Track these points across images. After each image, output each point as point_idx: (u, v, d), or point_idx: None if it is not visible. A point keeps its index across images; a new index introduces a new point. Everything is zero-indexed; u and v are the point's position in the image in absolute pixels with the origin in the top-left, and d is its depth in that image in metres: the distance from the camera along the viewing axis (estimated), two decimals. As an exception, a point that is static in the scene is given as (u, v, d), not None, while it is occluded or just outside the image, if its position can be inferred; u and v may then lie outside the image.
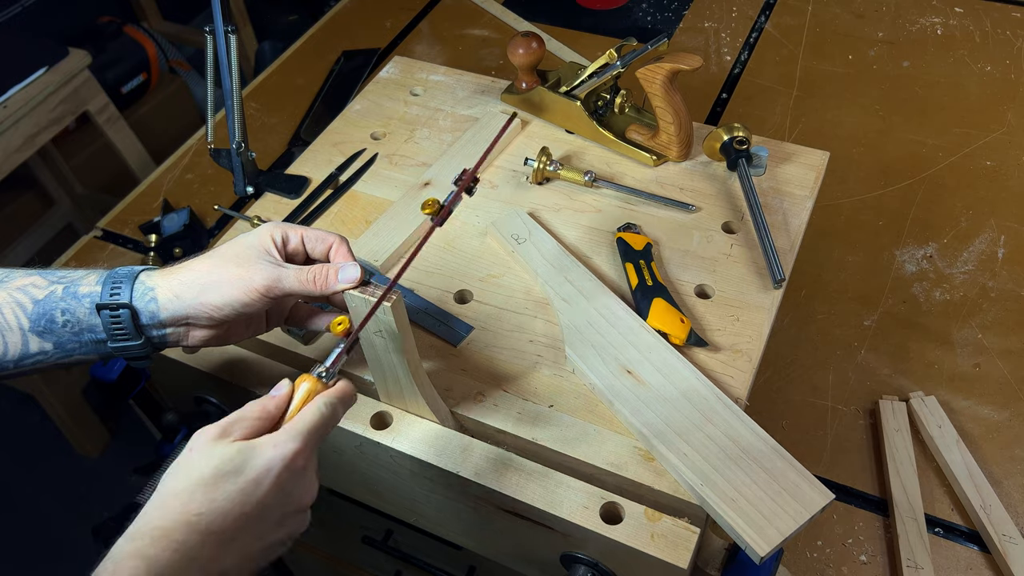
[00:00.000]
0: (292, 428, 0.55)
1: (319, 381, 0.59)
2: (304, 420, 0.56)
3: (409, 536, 0.92)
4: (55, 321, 0.62)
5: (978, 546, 0.84)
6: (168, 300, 0.62)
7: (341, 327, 0.60)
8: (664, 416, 0.68)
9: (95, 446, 1.84)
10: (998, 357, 0.99)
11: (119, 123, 1.92)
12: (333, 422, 0.58)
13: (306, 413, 0.57)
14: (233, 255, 0.63)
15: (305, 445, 0.55)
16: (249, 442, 0.54)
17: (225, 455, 0.52)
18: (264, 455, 0.53)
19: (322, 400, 0.57)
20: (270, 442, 0.54)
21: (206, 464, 0.52)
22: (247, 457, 0.53)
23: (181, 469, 0.53)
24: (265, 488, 0.53)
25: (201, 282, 0.62)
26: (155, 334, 0.63)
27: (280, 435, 0.55)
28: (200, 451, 0.53)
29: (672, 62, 0.85)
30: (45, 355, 0.62)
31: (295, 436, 0.55)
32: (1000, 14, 1.46)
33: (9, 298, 0.62)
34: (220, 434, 0.54)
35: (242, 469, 0.52)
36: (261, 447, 0.54)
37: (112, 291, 0.62)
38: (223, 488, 0.52)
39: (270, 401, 0.57)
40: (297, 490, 0.55)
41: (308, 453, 0.56)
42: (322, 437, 0.57)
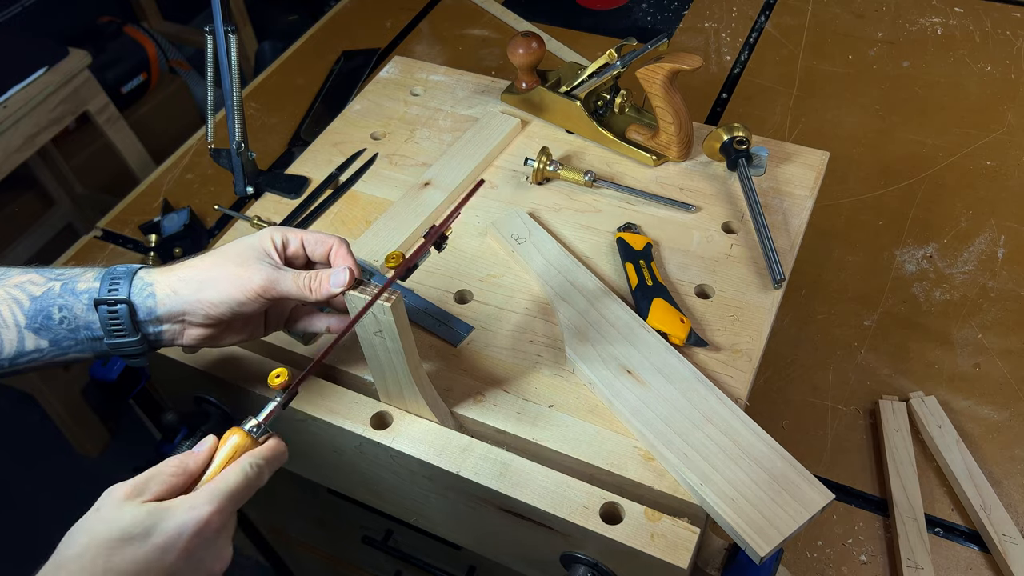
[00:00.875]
0: (210, 489, 0.53)
1: (248, 436, 0.56)
2: (225, 481, 0.53)
3: (409, 536, 0.92)
4: (52, 318, 0.61)
5: (978, 546, 0.84)
6: (166, 296, 0.62)
7: (279, 380, 0.58)
8: (664, 416, 0.68)
9: (95, 446, 1.84)
10: (998, 357, 0.99)
11: (119, 123, 1.92)
12: (257, 484, 0.56)
13: (228, 474, 0.54)
14: (234, 255, 0.63)
15: (222, 509, 0.52)
16: (161, 503, 0.51)
17: (133, 517, 0.50)
18: (176, 518, 0.51)
19: (247, 460, 0.55)
20: (184, 504, 0.51)
21: (112, 525, 0.49)
22: (157, 520, 0.50)
23: (84, 529, 0.50)
24: (173, 556, 0.50)
25: (199, 279, 0.62)
26: (151, 331, 0.63)
27: (196, 497, 0.52)
28: (107, 510, 0.50)
29: (672, 62, 0.85)
30: (41, 353, 0.62)
31: (212, 498, 0.52)
32: (1000, 14, 1.46)
33: (6, 295, 0.61)
34: (132, 493, 0.51)
35: (150, 533, 0.50)
36: (173, 509, 0.51)
37: (111, 287, 0.61)
38: (126, 553, 0.49)
39: (189, 457, 0.55)
40: (208, 557, 0.52)
41: (225, 517, 0.53)
42: (242, 500, 0.54)
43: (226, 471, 0.54)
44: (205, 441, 0.56)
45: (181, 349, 0.78)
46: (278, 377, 0.58)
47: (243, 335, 0.67)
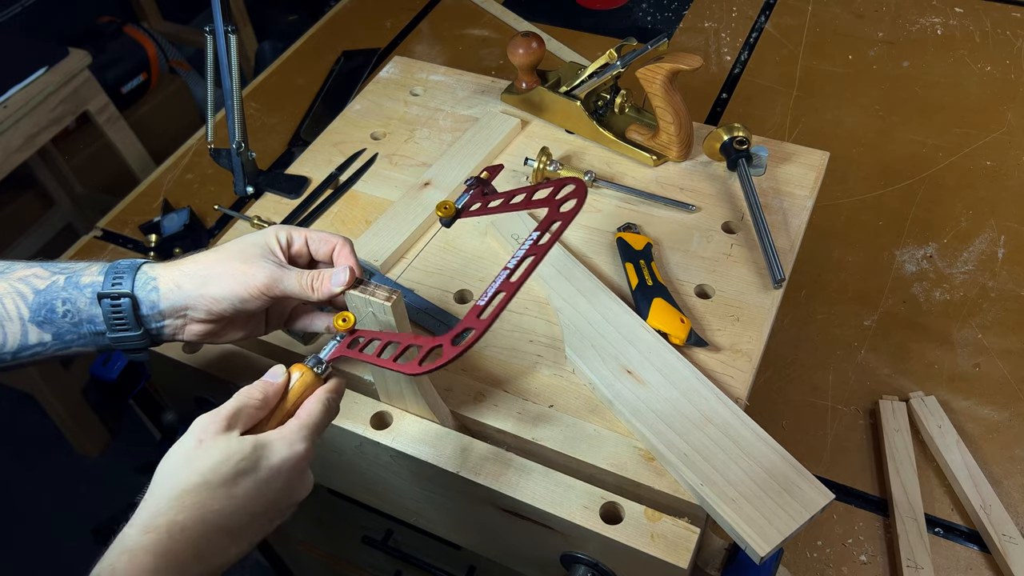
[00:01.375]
0: (302, 427, 0.56)
1: (312, 372, 0.59)
2: (311, 418, 0.57)
3: (409, 536, 0.92)
4: (55, 311, 0.62)
5: (978, 546, 0.84)
6: (169, 290, 0.62)
7: (345, 324, 0.60)
8: (664, 416, 0.68)
9: (95, 446, 1.84)
10: (998, 357, 0.99)
11: (119, 123, 1.92)
12: (332, 418, 0.59)
13: (312, 410, 0.57)
14: (238, 251, 0.63)
15: (312, 444, 0.56)
16: (261, 438, 0.55)
17: (241, 451, 0.53)
18: (278, 453, 0.54)
19: (325, 396, 0.58)
20: (283, 441, 0.55)
21: (222, 460, 0.52)
22: (261, 455, 0.54)
23: (194, 461, 0.53)
24: (278, 486, 0.54)
25: (203, 274, 0.62)
26: (154, 325, 0.63)
27: (291, 433, 0.56)
28: (211, 445, 0.53)
29: (672, 62, 0.85)
30: (43, 347, 0.63)
31: (305, 436, 0.56)
32: (1000, 14, 1.46)
33: (10, 288, 0.62)
34: (226, 426, 0.54)
35: (257, 467, 0.53)
36: (274, 445, 0.55)
37: (114, 281, 0.62)
38: (241, 486, 0.53)
39: (269, 387, 0.58)
40: (300, 486, 0.57)
41: (312, 451, 0.57)
42: (322, 433, 0.58)
43: (310, 407, 0.58)
44: (278, 371, 0.59)
45: (181, 348, 0.78)
46: (345, 321, 0.60)
47: (244, 332, 0.68)
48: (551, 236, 0.62)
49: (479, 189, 0.68)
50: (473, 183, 0.68)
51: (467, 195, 0.68)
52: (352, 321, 0.60)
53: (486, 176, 0.69)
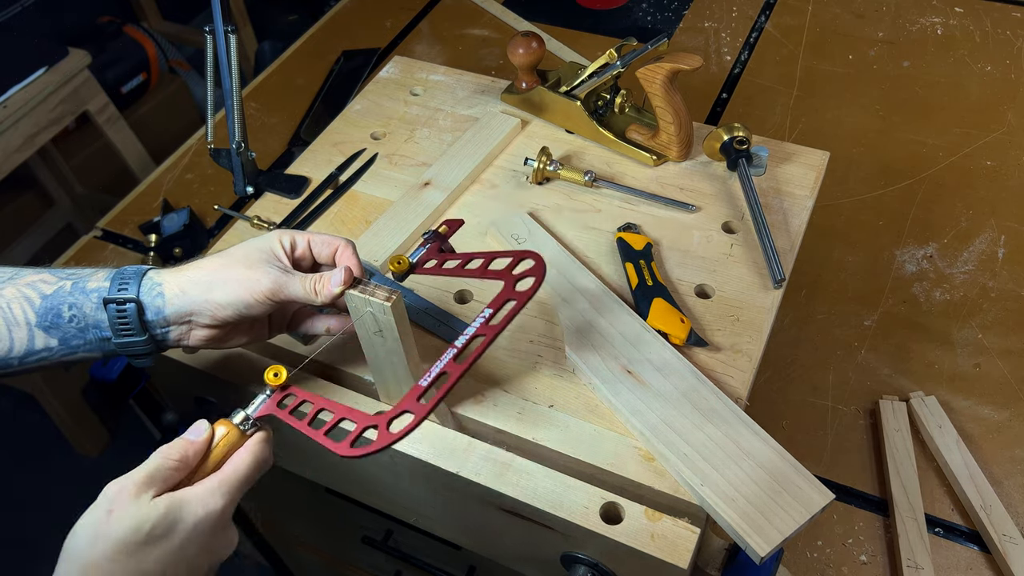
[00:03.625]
0: (222, 482, 0.54)
1: (237, 429, 0.57)
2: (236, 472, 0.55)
3: (409, 536, 0.92)
4: (61, 316, 0.62)
5: (978, 546, 0.84)
6: (174, 295, 0.62)
7: (277, 379, 0.58)
8: (664, 416, 0.68)
9: (95, 446, 1.84)
10: (998, 357, 0.99)
11: (119, 123, 1.92)
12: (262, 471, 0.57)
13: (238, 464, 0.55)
14: (242, 256, 0.63)
15: (232, 500, 0.54)
16: (175, 498, 0.52)
17: (152, 516, 0.50)
18: (193, 513, 0.52)
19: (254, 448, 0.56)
20: (199, 499, 0.52)
21: (134, 528, 0.50)
22: (175, 517, 0.51)
23: (103, 534, 0.50)
24: (194, 549, 0.52)
25: (208, 280, 0.62)
26: (159, 331, 0.63)
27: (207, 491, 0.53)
28: (121, 513, 0.50)
29: (672, 62, 0.85)
30: (50, 352, 0.62)
31: (224, 492, 0.53)
32: (1000, 14, 1.46)
33: (18, 293, 0.62)
34: (140, 489, 0.51)
35: (172, 530, 0.51)
36: (189, 504, 0.52)
37: (120, 286, 0.62)
38: (153, 553, 0.50)
39: (189, 447, 0.55)
40: (221, 545, 0.54)
41: (232, 508, 0.54)
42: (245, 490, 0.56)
43: (237, 461, 0.55)
44: (200, 428, 0.56)
45: (183, 350, 0.78)
46: (276, 376, 0.58)
47: (248, 337, 0.67)
48: (504, 317, 0.59)
49: (435, 244, 0.65)
50: (430, 237, 0.66)
51: (423, 249, 0.66)
52: (284, 377, 0.58)
53: (444, 231, 0.67)
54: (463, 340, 0.58)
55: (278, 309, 0.66)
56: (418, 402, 0.55)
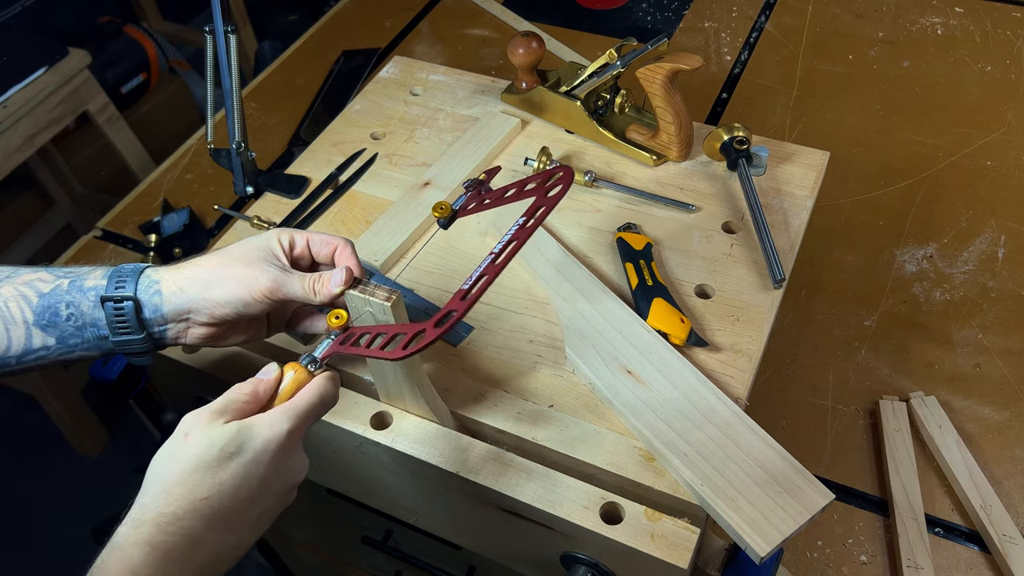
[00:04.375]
0: (287, 408, 0.56)
1: (305, 370, 0.59)
2: (301, 398, 0.57)
3: (409, 536, 0.92)
4: (59, 315, 0.62)
5: (978, 546, 0.84)
6: (172, 293, 0.62)
7: (338, 321, 0.60)
8: (664, 416, 0.68)
9: (95, 446, 1.84)
10: (998, 357, 0.99)
11: (119, 123, 1.92)
12: (330, 403, 0.59)
13: (303, 395, 0.57)
14: (240, 254, 0.63)
15: (298, 425, 0.56)
16: (245, 422, 0.54)
17: (224, 436, 0.53)
18: (262, 434, 0.54)
19: (321, 381, 0.58)
20: (266, 422, 0.54)
21: (207, 447, 0.52)
22: (245, 437, 0.53)
23: (180, 454, 0.53)
24: (264, 466, 0.54)
25: (206, 278, 0.62)
26: (156, 329, 0.64)
27: (274, 415, 0.55)
28: (197, 435, 0.53)
29: (672, 62, 0.85)
30: (47, 350, 0.63)
31: (291, 416, 0.55)
32: (1000, 14, 1.46)
33: (15, 292, 0.62)
34: (213, 416, 0.54)
35: (242, 449, 0.53)
36: (258, 427, 0.54)
37: (117, 284, 0.62)
38: (228, 469, 0.52)
39: (260, 384, 0.57)
40: (292, 466, 0.56)
41: (300, 433, 0.56)
42: (317, 417, 0.58)
43: (303, 393, 0.57)
44: (271, 368, 0.59)
45: (181, 349, 0.78)
46: (338, 319, 0.60)
47: (246, 336, 0.68)
48: (535, 220, 0.63)
49: (476, 191, 0.68)
50: (471, 184, 0.68)
51: (464, 197, 0.68)
52: (345, 318, 0.61)
53: (484, 178, 0.69)
54: (499, 247, 0.61)
55: (277, 308, 0.66)
56: (461, 301, 0.58)
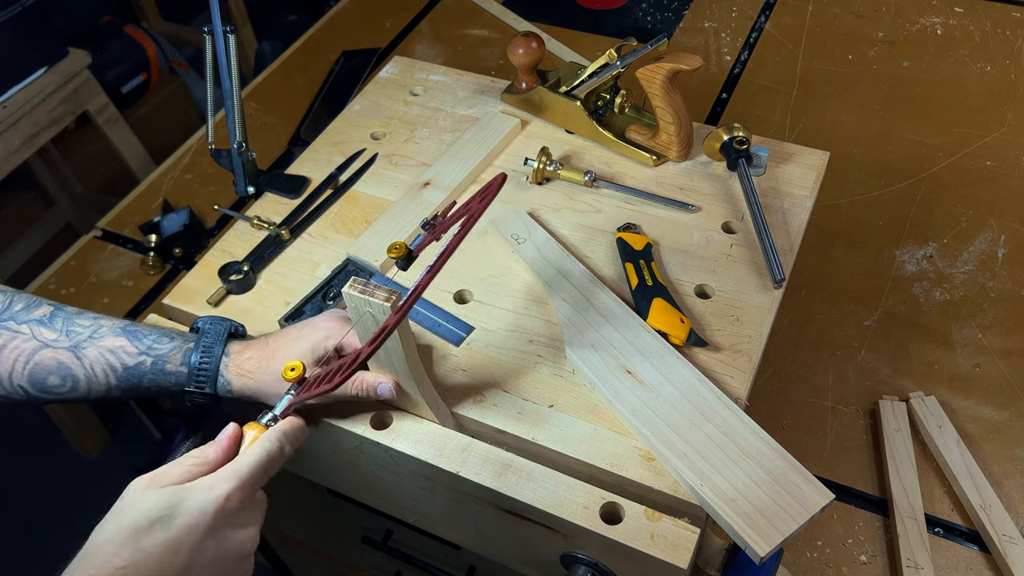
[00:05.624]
0: (228, 468, 0.54)
1: (264, 428, 0.58)
2: (243, 459, 0.55)
3: (409, 536, 0.92)
4: (141, 386, 0.68)
5: (978, 546, 0.84)
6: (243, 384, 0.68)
7: (294, 373, 0.60)
8: (664, 416, 0.68)
9: (95, 446, 1.84)
10: (998, 357, 0.99)
11: (119, 123, 1.92)
12: (279, 459, 0.57)
13: (249, 452, 0.55)
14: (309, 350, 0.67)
15: (241, 484, 0.53)
16: (182, 486, 0.52)
17: (156, 500, 0.51)
18: (196, 498, 0.51)
19: (266, 436, 0.57)
20: (203, 484, 0.52)
21: (136, 511, 0.50)
22: (178, 501, 0.51)
23: (111, 518, 0.51)
24: (199, 534, 0.51)
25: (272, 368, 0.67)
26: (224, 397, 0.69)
27: (215, 476, 0.53)
28: (131, 498, 0.51)
29: (672, 62, 0.85)
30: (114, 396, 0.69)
31: (230, 476, 0.53)
32: (1000, 14, 1.46)
33: (101, 358, 0.67)
34: (154, 480, 0.52)
35: (174, 514, 0.50)
36: (193, 489, 0.52)
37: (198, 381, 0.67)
38: (153, 536, 0.49)
39: (210, 447, 0.56)
40: (235, 535, 0.53)
41: (245, 492, 0.53)
42: (265, 476, 0.56)
43: (250, 450, 0.56)
44: (227, 429, 0.58)
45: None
46: (293, 371, 0.60)
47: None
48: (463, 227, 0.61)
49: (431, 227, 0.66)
50: (426, 223, 0.66)
51: (421, 236, 0.66)
52: (300, 370, 0.60)
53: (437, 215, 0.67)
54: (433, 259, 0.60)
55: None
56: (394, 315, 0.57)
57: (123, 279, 1.18)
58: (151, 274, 1.19)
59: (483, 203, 0.63)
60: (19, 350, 0.67)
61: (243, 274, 0.83)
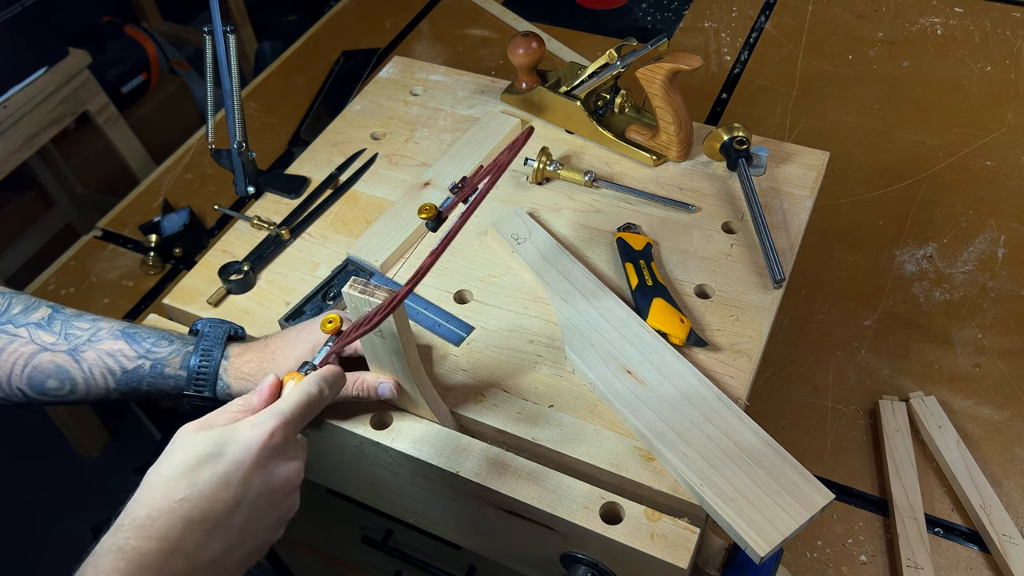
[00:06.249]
0: (272, 408, 0.56)
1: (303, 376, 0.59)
2: (285, 400, 0.57)
3: (409, 536, 0.92)
4: (139, 390, 0.69)
5: (978, 546, 0.84)
6: (240, 385, 0.68)
7: (331, 325, 0.61)
8: (664, 416, 0.68)
9: (95, 446, 1.84)
10: (998, 357, 0.99)
11: (119, 123, 1.92)
12: (319, 402, 0.58)
13: (289, 394, 0.57)
14: (309, 351, 0.67)
15: (284, 422, 0.55)
16: (228, 427, 0.54)
17: (205, 440, 0.53)
18: (243, 435, 0.53)
19: (306, 380, 0.58)
20: (248, 422, 0.54)
21: (187, 451, 0.52)
22: (226, 439, 0.53)
23: (163, 460, 0.53)
24: (246, 467, 0.53)
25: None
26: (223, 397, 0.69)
27: (257, 416, 0.55)
28: (181, 442, 0.53)
29: (672, 62, 0.85)
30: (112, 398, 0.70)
31: (274, 414, 0.55)
32: (1000, 14, 1.46)
33: (99, 361, 0.68)
34: (201, 426, 0.55)
35: (223, 451, 0.52)
36: (239, 428, 0.54)
37: (196, 384, 0.67)
38: (205, 472, 0.52)
39: (253, 395, 0.58)
40: (280, 469, 0.55)
41: (288, 430, 0.55)
42: (306, 416, 0.57)
43: (290, 392, 0.57)
44: (267, 379, 0.59)
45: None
46: (331, 323, 0.61)
47: None
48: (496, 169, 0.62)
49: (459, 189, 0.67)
50: (455, 186, 0.67)
51: (450, 199, 0.66)
52: (338, 321, 0.61)
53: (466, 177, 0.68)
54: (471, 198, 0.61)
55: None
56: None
57: (123, 279, 1.18)
58: (151, 274, 1.19)
59: (511, 154, 0.62)
60: (17, 353, 0.67)
61: (243, 274, 0.83)
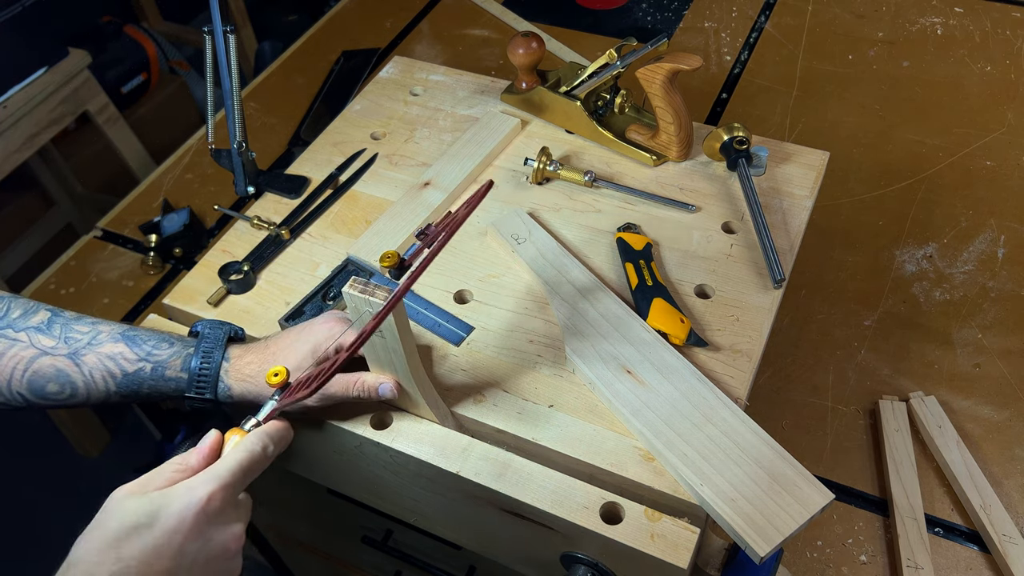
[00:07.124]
0: (209, 470, 0.53)
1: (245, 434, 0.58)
2: (224, 459, 0.54)
3: (409, 536, 0.92)
4: (140, 393, 0.68)
5: (978, 546, 0.84)
6: (243, 390, 0.67)
7: (277, 379, 0.59)
8: (664, 416, 0.68)
9: (95, 446, 1.84)
10: (998, 357, 1.00)
11: (119, 123, 1.92)
12: (263, 460, 0.56)
13: (228, 455, 0.55)
14: (309, 353, 0.67)
15: (222, 485, 0.52)
16: (162, 491, 0.51)
17: (136, 507, 0.50)
18: (177, 501, 0.51)
19: (248, 438, 0.56)
20: (184, 486, 0.52)
21: (118, 520, 0.49)
22: (159, 506, 0.50)
23: (93, 528, 0.50)
24: (181, 537, 0.50)
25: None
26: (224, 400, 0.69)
27: (194, 479, 0.52)
28: (113, 506, 0.51)
29: (672, 62, 0.85)
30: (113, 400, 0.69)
31: (211, 478, 0.52)
32: (1000, 14, 1.46)
33: (100, 364, 0.67)
34: (135, 489, 0.52)
35: (154, 520, 0.50)
36: (174, 493, 0.51)
37: (198, 387, 0.66)
38: (134, 542, 0.49)
39: (192, 453, 0.56)
40: (218, 535, 0.52)
41: (227, 493, 0.53)
42: (248, 477, 0.55)
43: (230, 453, 0.55)
44: (207, 436, 0.57)
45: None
46: (276, 376, 0.59)
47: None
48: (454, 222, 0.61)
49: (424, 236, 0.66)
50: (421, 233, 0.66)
51: (415, 246, 0.65)
52: (283, 375, 0.60)
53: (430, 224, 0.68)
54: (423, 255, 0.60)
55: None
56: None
57: (123, 279, 1.18)
58: (151, 274, 1.19)
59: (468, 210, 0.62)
60: (17, 358, 0.66)
61: (243, 274, 0.83)
